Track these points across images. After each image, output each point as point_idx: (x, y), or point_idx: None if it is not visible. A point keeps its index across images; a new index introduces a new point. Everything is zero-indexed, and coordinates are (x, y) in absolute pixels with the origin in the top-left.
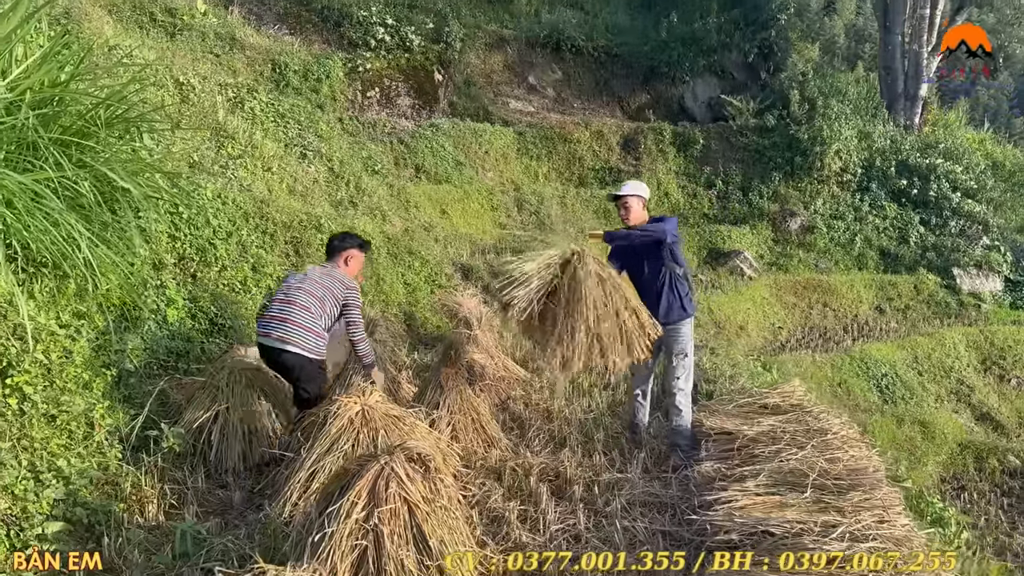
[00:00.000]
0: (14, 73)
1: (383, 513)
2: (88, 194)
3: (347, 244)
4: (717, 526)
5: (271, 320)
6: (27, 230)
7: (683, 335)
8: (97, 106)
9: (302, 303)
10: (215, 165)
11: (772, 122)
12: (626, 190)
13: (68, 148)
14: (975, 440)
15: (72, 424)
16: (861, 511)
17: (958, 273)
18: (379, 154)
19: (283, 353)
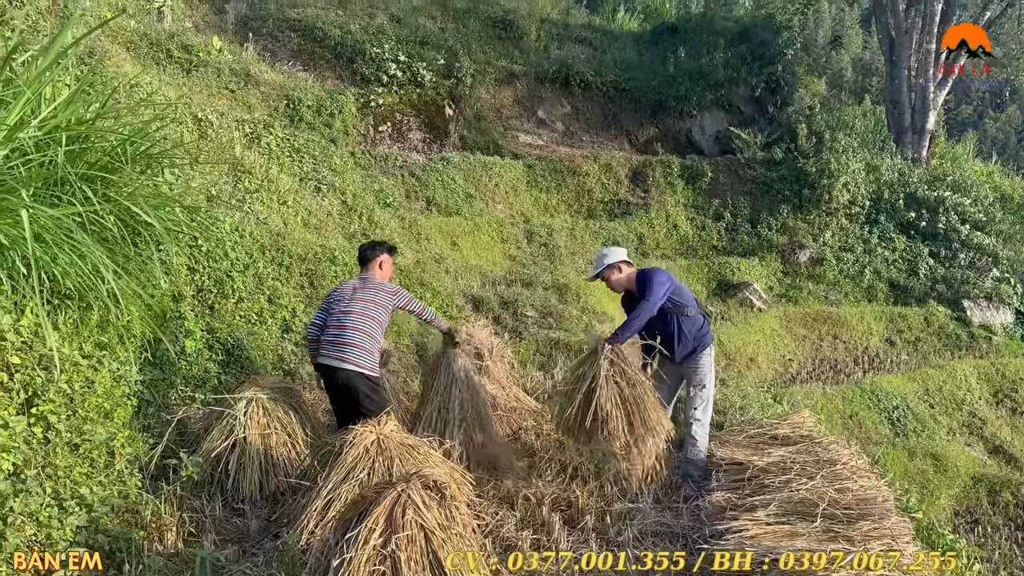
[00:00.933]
0: (43, 112)
1: (400, 539)
2: (113, 228)
3: (378, 252)
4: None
5: (328, 342)
6: (55, 263)
7: (702, 367)
8: (122, 143)
9: (356, 325)
10: (233, 199)
11: (780, 155)
12: (598, 267)
13: (94, 183)
14: (988, 473)
15: (94, 453)
16: (870, 540)
17: (968, 305)
18: (391, 187)
19: (340, 373)
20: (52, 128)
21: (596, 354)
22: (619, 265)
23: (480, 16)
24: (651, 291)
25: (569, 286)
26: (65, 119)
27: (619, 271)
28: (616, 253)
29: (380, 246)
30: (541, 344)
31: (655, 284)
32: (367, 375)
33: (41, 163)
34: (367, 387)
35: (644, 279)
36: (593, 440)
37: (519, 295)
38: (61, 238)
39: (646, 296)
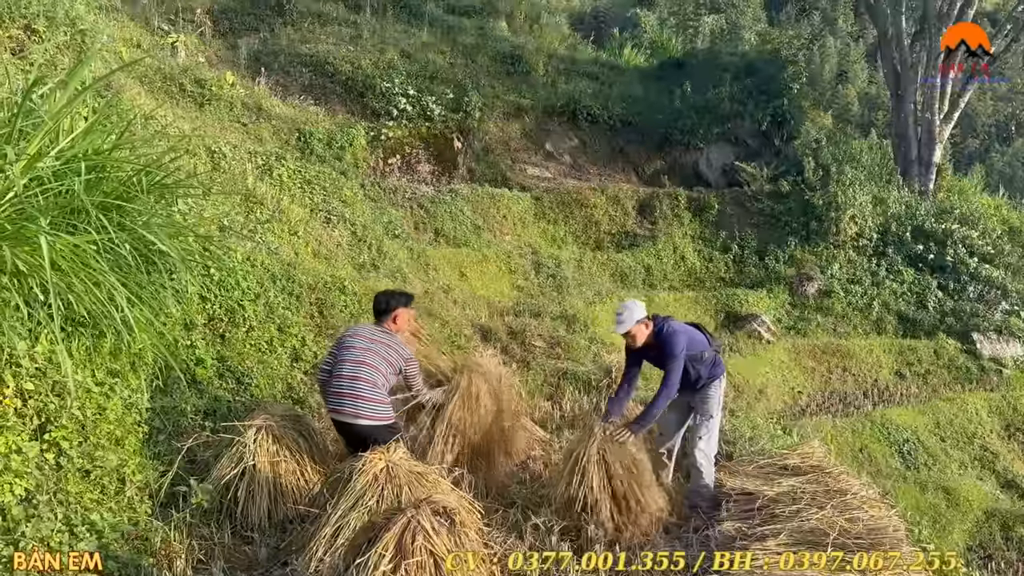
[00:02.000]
0: (62, 143)
1: (410, 566)
2: (128, 256)
3: (393, 304)
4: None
5: (341, 396)
6: (71, 290)
7: (711, 398)
8: (137, 173)
9: (367, 378)
10: (244, 229)
11: (787, 188)
12: (627, 324)
13: (110, 212)
14: (1001, 508)
15: (105, 479)
16: (881, 570)
17: (978, 338)
18: (400, 219)
19: (356, 427)
20: (70, 158)
21: (587, 437)
22: (645, 321)
23: (489, 52)
24: (672, 374)
25: (577, 316)
26: (83, 149)
27: (646, 327)
28: (640, 309)
29: (395, 298)
30: (549, 374)
31: (676, 363)
32: (386, 425)
33: (59, 192)
34: (388, 434)
35: (668, 352)
36: (583, 520)
37: (527, 325)
38: (77, 265)
39: (667, 381)
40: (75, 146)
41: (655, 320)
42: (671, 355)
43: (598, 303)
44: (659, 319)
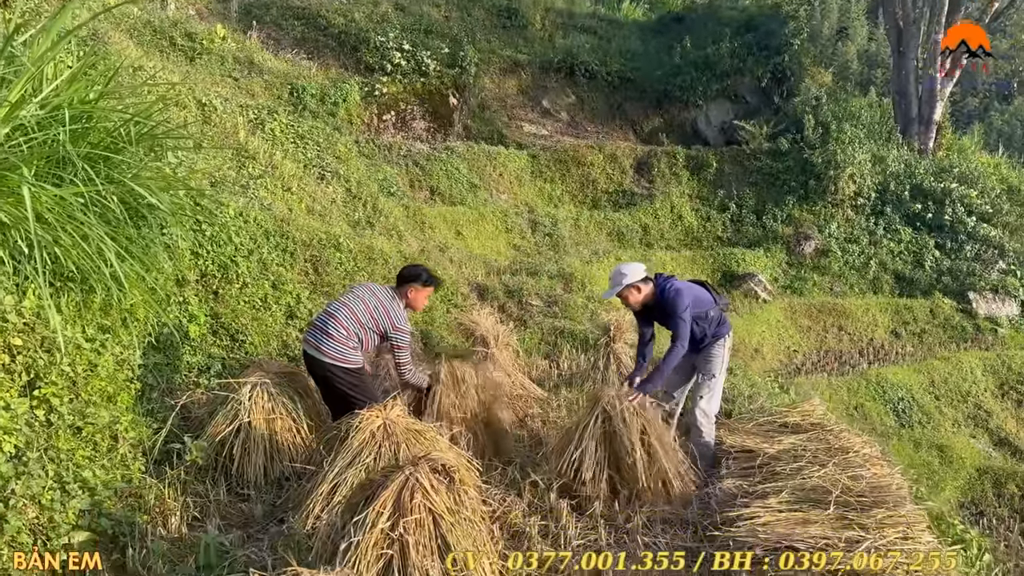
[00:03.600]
0: (45, 91)
1: (408, 523)
2: (116, 209)
3: (417, 280)
4: (740, 542)
5: (312, 328)
6: (57, 243)
7: (714, 356)
8: (125, 123)
9: (341, 320)
10: (237, 184)
11: (785, 146)
12: (615, 289)
13: (96, 164)
14: (993, 465)
15: (97, 436)
16: (885, 528)
17: (974, 297)
18: (394, 176)
19: (316, 361)
20: (54, 107)
21: (592, 410)
22: (637, 285)
23: (484, 4)
24: (681, 333)
25: (574, 275)
26: (67, 99)
27: (637, 290)
28: (635, 271)
29: (424, 274)
30: (546, 333)
31: (681, 322)
32: (345, 367)
33: (43, 142)
34: (351, 379)
35: (670, 311)
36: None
37: (524, 284)
38: (64, 218)
39: (676, 339)
40: (59, 95)
41: (657, 279)
42: (675, 315)
43: (595, 262)
44: (661, 278)
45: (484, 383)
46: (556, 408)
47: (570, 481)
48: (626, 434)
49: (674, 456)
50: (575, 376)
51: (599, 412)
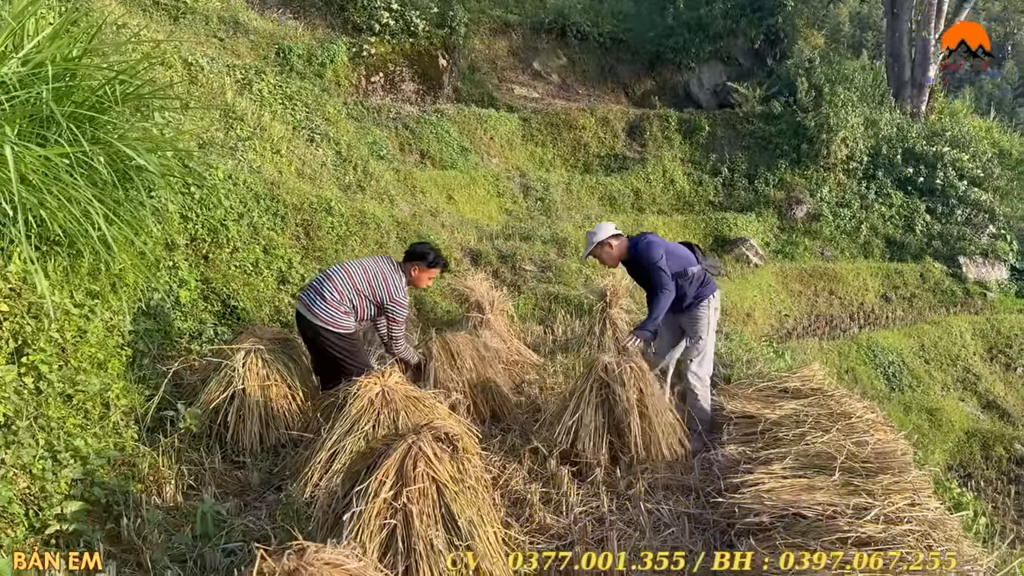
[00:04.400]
0: (27, 48)
1: (412, 492)
2: (103, 171)
3: (425, 260)
4: (746, 508)
5: (306, 289)
6: (43, 207)
7: (699, 318)
8: (110, 81)
9: (336, 283)
10: (224, 147)
11: (778, 109)
12: (588, 248)
13: (81, 123)
14: (982, 428)
15: (88, 404)
16: (892, 494)
17: (964, 262)
18: (384, 139)
19: (306, 321)
20: (37, 64)
21: (588, 376)
22: (608, 242)
23: None
24: (661, 280)
25: (568, 240)
26: (50, 55)
27: (610, 247)
28: (604, 229)
29: (433, 254)
30: (540, 298)
31: (659, 271)
32: (335, 331)
33: (26, 100)
34: (341, 344)
35: (645, 263)
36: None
37: (517, 249)
38: (49, 180)
39: (659, 287)
40: (42, 51)
41: (632, 237)
42: (651, 265)
43: (588, 227)
44: (636, 236)
45: (479, 351)
46: (553, 374)
47: (569, 448)
48: (623, 397)
49: (671, 420)
50: (571, 341)
51: (595, 378)
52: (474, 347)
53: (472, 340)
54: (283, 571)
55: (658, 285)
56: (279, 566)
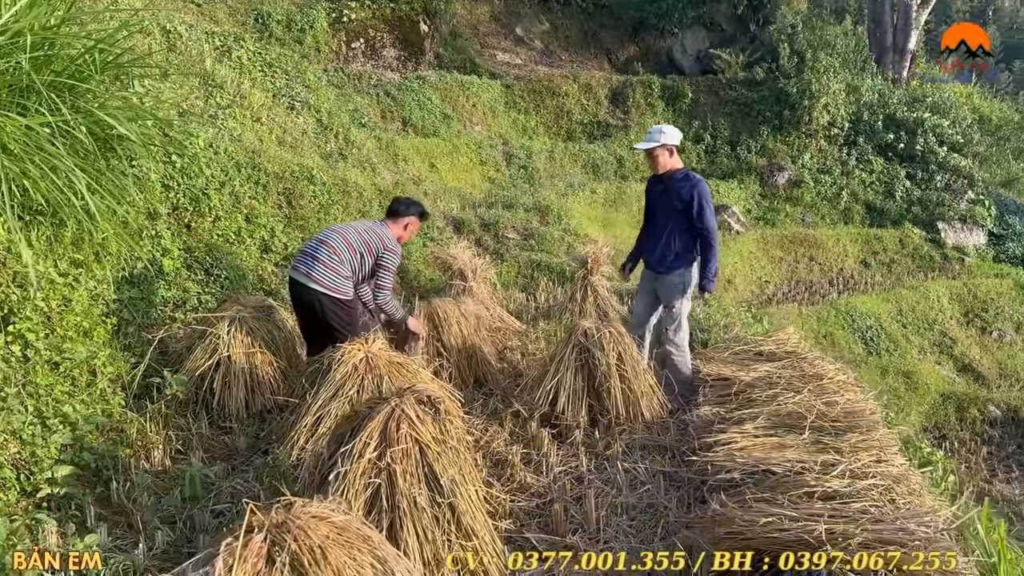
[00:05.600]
0: (4, 17)
1: (395, 453)
2: (84, 139)
3: (411, 211)
4: (718, 466)
5: (302, 255)
6: (25, 176)
7: (671, 286)
8: (89, 50)
9: (334, 245)
10: (204, 115)
11: (761, 75)
12: (654, 141)
13: (62, 93)
14: (957, 391)
15: (75, 371)
16: (859, 451)
17: (943, 227)
18: (365, 107)
19: (307, 289)
20: (15, 33)
21: (568, 340)
22: (672, 148)
23: None
24: (710, 221)
25: (551, 208)
26: (28, 24)
27: (671, 154)
28: (675, 134)
29: (415, 206)
30: (523, 266)
31: (711, 209)
32: (335, 297)
33: (4, 70)
34: (340, 311)
35: (701, 198)
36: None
37: (500, 217)
38: (31, 149)
39: (710, 229)
40: (19, 20)
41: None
42: (706, 204)
43: (570, 195)
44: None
45: (464, 317)
46: (535, 340)
47: (549, 411)
48: (603, 361)
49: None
50: (553, 308)
51: (575, 343)
52: (459, 313)
53: (456, 306)
54: (272, 524)
55: (711, 233)
56: (268, 519)
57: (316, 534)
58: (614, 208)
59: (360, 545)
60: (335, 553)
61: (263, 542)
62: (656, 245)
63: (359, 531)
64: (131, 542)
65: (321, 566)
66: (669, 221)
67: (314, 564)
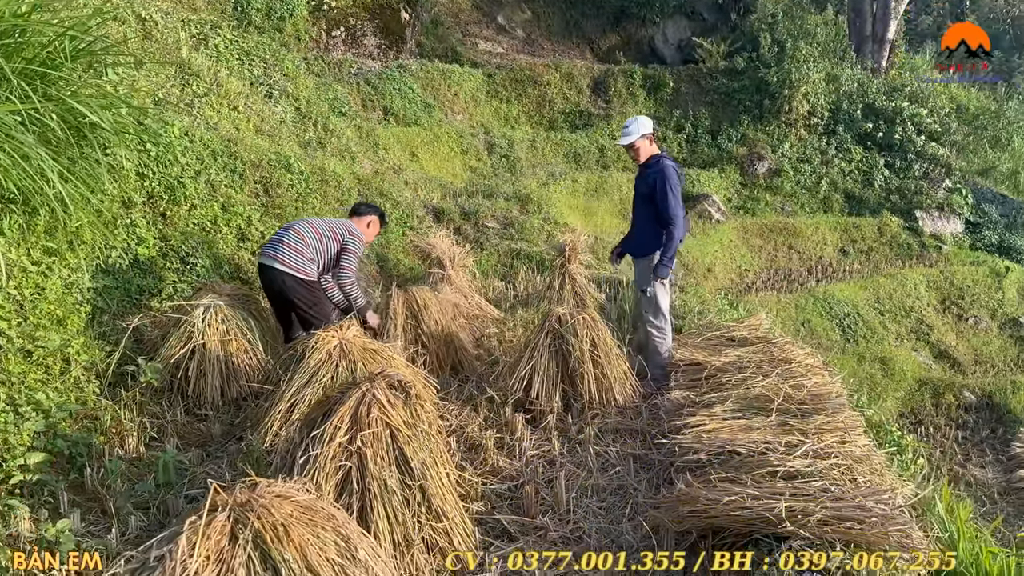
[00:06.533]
0: None
1: (366, 436)
2: (56, 128)
3: (372, 211)
4: (686, 448)
5: (269, 241)
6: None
7: (644, 270)
8: (60, 36)
9: (298, 229)
10: (180, 103)
11: (742, 64)
12: (631, 137)
13: (33, 80)
14: (933, 377)
15: (48, 359)
16: (823, 432)
17: (920, 215)
18: (345, 95)
19: (272, 270)
20: None
21: (542, 327)
22: (650, 136)
23: None
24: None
25: (531, 197)
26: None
27: (650, 143)
28: (646, 123)
29: (375, 208)
30: (503, 255)
31: (675, 195)
32: (300, 278)
33: None
34: (306, 293)
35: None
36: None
37: (480, 206)
38: (1, 137)
39: (672, 217)
40: None
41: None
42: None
43: (551, 184)
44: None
45: (441, 304)
46: (512, 328)
47: (523, 396)
48: (576, 347)
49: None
50: (532, 297)
51: (548, 329)
52: (437, 301)
53: (434, 294)
54: (235, 502)
55: (673, 217)
56: (231, 498)
57: (279, 512)
58: (595, 197)
59: (324, 523)
60: (298, 531)
61: (226, 520)
62: (633, 231)
63: (324, 510)
64: (104, 527)
65: (284, 543)
66: (642, 207)
67: (277, 541)
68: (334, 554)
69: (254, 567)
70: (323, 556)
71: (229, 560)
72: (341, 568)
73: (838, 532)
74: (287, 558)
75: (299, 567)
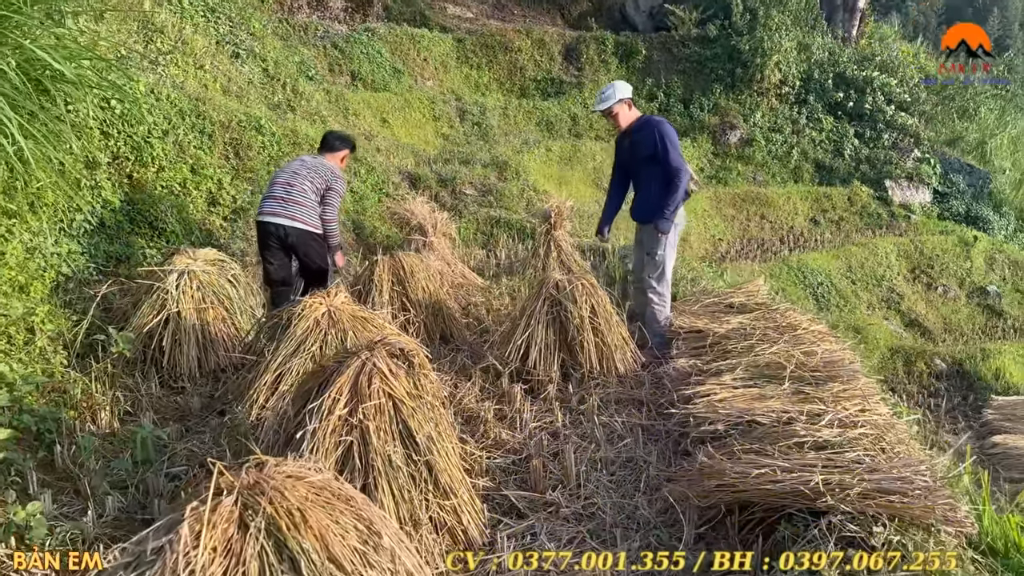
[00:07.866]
0: None
1: (368, 409)
2: (14, 77)
3: (345, 145)
4: (700, 418)
5: (271, 200)
6: None
7: (654, 232)
8: None
9: (302, 186)
10: (144, 60)
11: (714, 32)
12: (609, 102)
13: None
14: (904, 345)
15: (11, 329)
16: (842, 400)
17: (890, 185)
18: (312, 59)
19: (289, 230)
20: None
21: (539, 293)
22: (628, 101)
23: None
24: (677, 162)
25: (509, 164)
26: None
27: (629, 107)
28: (624, 88)
29: (347, 140)
30: (482, 222)
31: (676, 148)
32: (315, 233)
33: None
34: (318, 246)
35: (663, 138)
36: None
37: (457, 173)
38: None
39: (677, 169)
40: None
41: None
42: (670, 143)
43: (526, 152)
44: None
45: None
46: (498, 296)
47: (520, 366)
48: (575, 314)
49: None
50: (514, 264)
51: (546, 295)
52: (424, 267)
53: (421, 260)
54: (243, 485)
55: (678, 168)
56: (238, 481)
57: (294, 495)
58: (569, 166)
59: (342, 507)
60: (316, 516)
61: (234, 505)
62: (637, 197)
63: (340, 491)
64: (79, 509)
65: (301, 530)
66: (643, 170)
67: (293, 528)
68: (355, 541)
69: (268, 559)
70: (345, 544)
71: (239, 552)
72: (364, 557)
73: (881, 506)
74: (306, 547)
75: (320, 558)
